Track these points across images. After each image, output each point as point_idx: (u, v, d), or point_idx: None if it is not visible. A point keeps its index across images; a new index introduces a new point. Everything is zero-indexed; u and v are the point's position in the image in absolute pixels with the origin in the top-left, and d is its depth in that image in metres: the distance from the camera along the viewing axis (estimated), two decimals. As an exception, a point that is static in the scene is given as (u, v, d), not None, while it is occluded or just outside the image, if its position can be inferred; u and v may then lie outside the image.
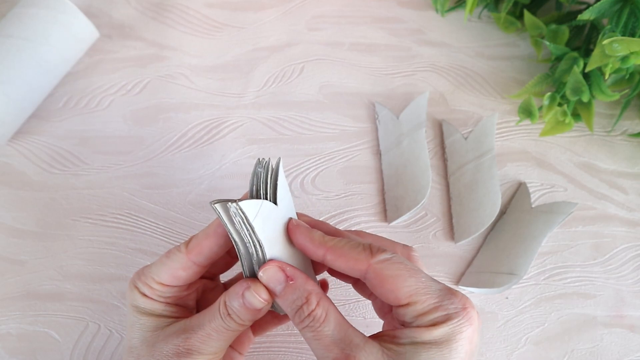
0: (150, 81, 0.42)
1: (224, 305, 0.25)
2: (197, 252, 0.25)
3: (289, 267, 0.24)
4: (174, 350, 0.24)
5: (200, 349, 0.24)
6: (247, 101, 0.42)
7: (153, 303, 0.26)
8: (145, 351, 0.25)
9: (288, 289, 0.24)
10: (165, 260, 0.26)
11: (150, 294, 0.26)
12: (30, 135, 0.40)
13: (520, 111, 0.41)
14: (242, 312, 0.24)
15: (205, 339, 0.24)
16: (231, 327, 0.24)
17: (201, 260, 0.25)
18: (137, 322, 0.26)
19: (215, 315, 0.25)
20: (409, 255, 0.26)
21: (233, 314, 0.24)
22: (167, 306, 0.26)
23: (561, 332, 0.36)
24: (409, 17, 0.46)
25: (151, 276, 0.26)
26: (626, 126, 0.42)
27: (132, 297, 0.26)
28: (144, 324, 0.26)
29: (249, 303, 0.24)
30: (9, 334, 0.34)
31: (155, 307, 0.26)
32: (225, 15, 0.45)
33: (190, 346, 0.24)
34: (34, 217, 0.37)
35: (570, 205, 0.37)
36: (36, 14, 0.37)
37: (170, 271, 0.25)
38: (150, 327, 0.26)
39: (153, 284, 0.26)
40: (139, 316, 0.26)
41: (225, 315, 0.24)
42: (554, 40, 0.41)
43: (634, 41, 0.33)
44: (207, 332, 0.24)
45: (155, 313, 0.26)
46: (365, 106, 0.42)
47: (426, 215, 0.39)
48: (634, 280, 0.37)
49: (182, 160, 0.40)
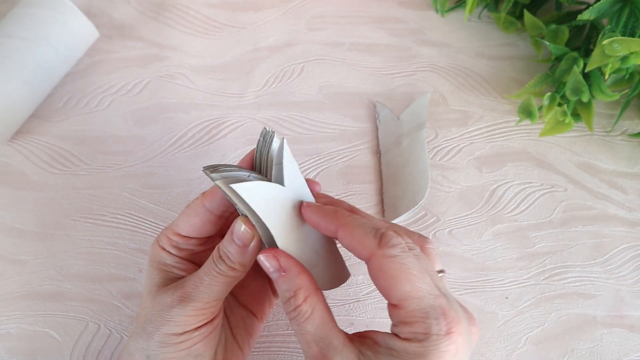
0: (150, 81, 0.42)
1: (217, 250, 0.25)
2: (211, 198, 0.26)
3: (283, 258, 0.24)
4: (169, 299, 0.25)
5: (192, 295, 0.25)
6: (247, 101, 0.42)
7: (168, 256, 0.27)
8: (149, 302, 0.26)
9: (280, 279, 0.24)
10: (185, 210, 0.27)
11: (167, 245, 0.27)
12: (30, 135, 0.40)
13: (520, 111, 0.41)
14: (232, 250, 0.24)
15: (198, 284, 0.25)
16: (222, 269, 0.25)
17: (214, 207, 0.26)
18: (149, 276, 0.27)
19: (209, 260, 0.25)
20: (423, 246, 0.25)
21: (224, 254, 0.25)
22: (179, 261, 0.27)
23: (561, 332, 0.36)
24: (409, 17, 0.46)
25: (171, 228, 0.27)
26: (626, 126, 0.42)
27: (152, 252, 0.27)
28: (154, 278, 0.27)
29: (237, 236, 0.24)
30: (9, 333, 0.34)
31: (168, 260, 0.27)
32: (225, 15, 0.45)
33: (183, 293, 0.25)
34: (34, 217, 0.37)
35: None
36: (36, 14, 0.37)
37: (186, 218, 0.26)
38: (158, 282, 0.27)
39: (171, 235, 0.27)
40: (152, 271, 0.27)
41: (217, 258, 0.25)
42: (554, 40, 0.41)
43: (634, 41, 0.33)
44: (199, 277, 0.25)
45: (167, 267, 0.27)
46: (365, 106, 0.42)
47: (426, 215, 0.39)
48: (633, 280, 0.37)
49: (182, 160, 0.40)
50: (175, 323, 0.24)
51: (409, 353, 0.21)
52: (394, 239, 0.22)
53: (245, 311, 0.30)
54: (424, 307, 0.21)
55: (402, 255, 0.22)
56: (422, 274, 0.22)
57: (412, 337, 0.21)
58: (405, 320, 0.21)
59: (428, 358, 0.20)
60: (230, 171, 0.23)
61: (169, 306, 0.25)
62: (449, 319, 0.21)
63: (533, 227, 0.39)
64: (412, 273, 0.21)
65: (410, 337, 0.21)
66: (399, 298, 0.21)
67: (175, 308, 0.24)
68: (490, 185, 0.40)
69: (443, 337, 0.20)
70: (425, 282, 0.21)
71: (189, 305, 0.24)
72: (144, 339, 0.25)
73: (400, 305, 0.21)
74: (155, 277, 0.27)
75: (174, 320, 0.24)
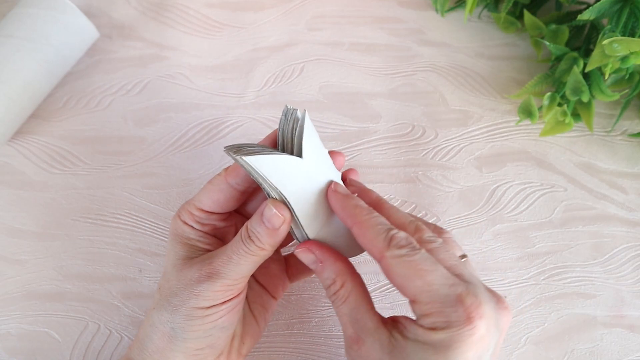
0: (150, 81, 0.42)
1: (245, 229, 0.25)
2: (234, 174, 0.26)
3: (318, 250, 0.26)
4: (197, 274, 0.25)
5: (221, 272, 0.25)
6: (247, 101, 0.42)
7: (191, 231, 0.27)
8: (174, 276, 0.26)
9: (319, 269, 0.26)
10: (207, 186, 0.27)
11: (190, 220, 0.27)
12: (30, 135, 0.40)
13: (520, 111, 0.41)
14: (262, 232, 0.25)
15: (227, 262, 0.25)
16: (251, 250, 0.25)
17: (237, 182, 0.26)
18: (172, 249, 0.27)
19: (237, 239, 0.25)
20: (441, 236, 0.26)
21: (253, 235, 0.25)
22: (203, 235, 0.28)
23: (561, 332, 0.36)
24: (409, 17, 0.46)
25: (193, 203, 0.27)
26: (626, 126, 0.42)
27: (174, 226, 0.28)
28: (177, 252, 0.27)
29: (268, 219, 0.24)
30: (9, 333, 0.34)
31: (192, 234, 0.27)
32: (225, 15, 0.45)
33: (211, 270, 0.25)
34: (34, 217, 0.37)
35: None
36: (36, 14, 0.37)
37: (209, 194, 0.27)
38: (183, 256, 0.27)
39: (194, 210, 0.27)
40: (175, 244, 0.27)
41: (245, 238, 0.25)
42: (554, 40, 0.41)
43: (634, 41, 0.33)
44: (228, 255, 0.25)
45: (190, 242, 0.27)
46: (365, 106, 0.42)
47: (426, 215, 0.39)
48: (633, 280, 0.37)
49: (182, 160, 0.40)
50: (204, 297, 0.25)
51: (433, 341, 0.21)
52: (402, 240, 0.23)
53: (262, 289, 0.31)
54: (439, 298, 0.21)
55: (410, 254, 0.22)
56: (434, 267, 0.22)
57: (435, 326, 0.21)
58: (424, 313, 0.22)
59: (452, 345, 0.21)
60: (254, 152, 0.23)
61: (196, 281, 0.25)
62: (466, 305, 0.21)
63: (533, 227, 0.39)
64: (422, 268, 0.22)
65: (433, 327, 0.22)
66: (414, 293, 0.22)
67: (204, 283, 0.25)
68: (490, 185, 0.40)
69: (463, 324, 0.21)
70: (438, 274, 0.22)
71: (217, 282, 0.25)
72: (168, 311, 0.26)
73: (416, 300, 0.22)
74: (179, 251, 0.27)
75: (202, 295, 0.25)
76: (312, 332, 0.35)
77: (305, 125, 0.25)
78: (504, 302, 0.24)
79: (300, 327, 0.35)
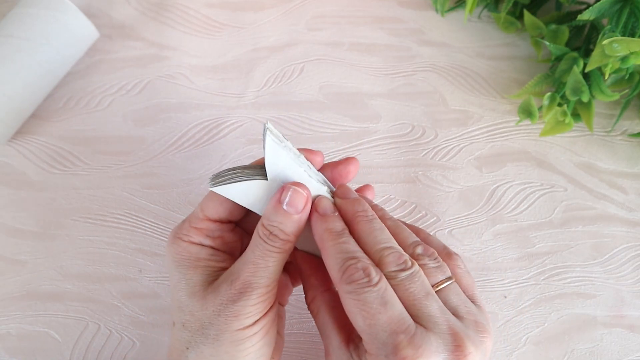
0: (150, 81, 0.42)
1: (262, 227, 0.23)
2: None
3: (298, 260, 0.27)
4: (227, 295, 0.23)
5: (252, 283, 0.23)
6: (247, 101, 0.42)
7: (201, 250, 0.25)
8: (197, 307, 0.23)
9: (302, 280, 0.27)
10: (208, 195, 0.25)
11: (198, 236, 0.25)
12: (30, 135, 0.40)
13: (520, 111, 0.41)
14: (284, 220, 0.23)
15: (255, 269, 0.23)
16: (277, 246, 0.23)
17: None
18: (182, 278, 0.24)
19: (256, 242, 0.23)
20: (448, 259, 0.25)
21: (274, 229, 0.23)
22: (214, 253, 0.25)
23: (561, 332, 0.36)
24: (409, 17, 0.46)
25: (195, 216, 0.25)
26: (626, 126, 0.42)
27: (175, 250, 0.25)
28: (190, 279, 0.24)
29: (288, 203, 0.23)
30: (9, 334, 0.34)
31: (202, 254, 0.25)
32: (225, 15, 0.45)
33: (241, 284, 0.23)
34: (34, 217, 0.37)
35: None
36: (36, 14, 0.37)
37: (215, 198, 0.25)
38: (198, 282, 0.24)
39: (199, 223, 0.25)
40: (184, 271, 0.24)
41: (267, 236, 0.23)
42: (554, 40, 0.41)
43: (634, 41, 0.33)
44: (253, 262, 0.23)
45: (202, 263, 0.24)
46: (365, 106, 0.42)
47: (426, 215, 0.39)
48: (633, 280, 0.37)
49: (182, 160, 0.40)
50: (244, 316, 0.23)
51: None
52: (354, 274, 0.22)
53: None
54: (378, 343, 0.21)
55: (359, 291, 0.21)
56: (382, 308, 0.21)
57: None
58: (367, 350, 0.22)
59: None
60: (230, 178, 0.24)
61: (229, 301, 0.23)
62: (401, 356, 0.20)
63: (533, 227, 0.39)
64: (366, 309, 0.21)
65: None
66: (358, 330, 0.22)
67: (239, 301, 0.23)
68: (490, 185, 0.40)
69: None
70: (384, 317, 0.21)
71: (252, 294, 0.23)
72: (208, 346, 0.23)
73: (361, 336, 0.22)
74: (193, 277, 0.24)
75: (241, 314, 0.23)
76: (312, 332, 0.35)
77: (267, 143, 0.23)
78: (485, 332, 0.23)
79: (300, 327, 0.35)
